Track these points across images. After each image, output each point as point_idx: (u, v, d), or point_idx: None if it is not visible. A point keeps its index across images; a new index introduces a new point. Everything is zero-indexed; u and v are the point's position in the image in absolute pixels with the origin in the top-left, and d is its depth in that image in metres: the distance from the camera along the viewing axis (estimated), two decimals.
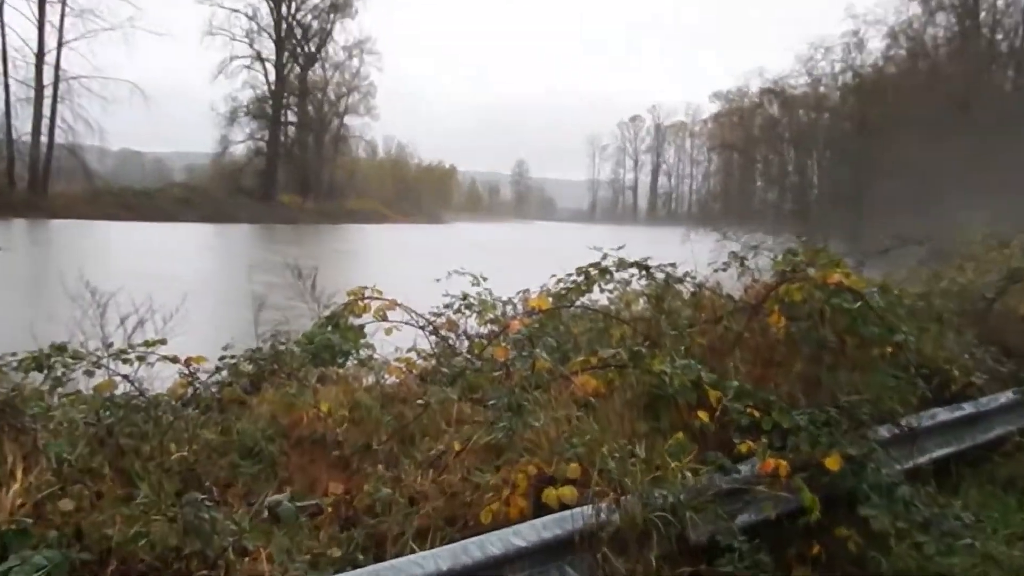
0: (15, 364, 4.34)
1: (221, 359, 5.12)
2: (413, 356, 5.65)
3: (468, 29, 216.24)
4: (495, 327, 6.05)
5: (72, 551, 3.05)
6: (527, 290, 6.62)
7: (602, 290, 6.15)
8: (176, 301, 5.66)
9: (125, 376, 4.30)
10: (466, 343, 6.15)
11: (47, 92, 57.61)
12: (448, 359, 5.55)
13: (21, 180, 55.95)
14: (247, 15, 71.97)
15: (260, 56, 73.15)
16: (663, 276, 5.78)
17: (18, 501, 3.23)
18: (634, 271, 5.91)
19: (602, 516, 3.58)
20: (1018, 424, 6.28)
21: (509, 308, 6.60)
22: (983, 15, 44.89)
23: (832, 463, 4.26)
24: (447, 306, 6.36)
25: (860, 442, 4.49)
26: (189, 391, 4.73)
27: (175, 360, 4.58)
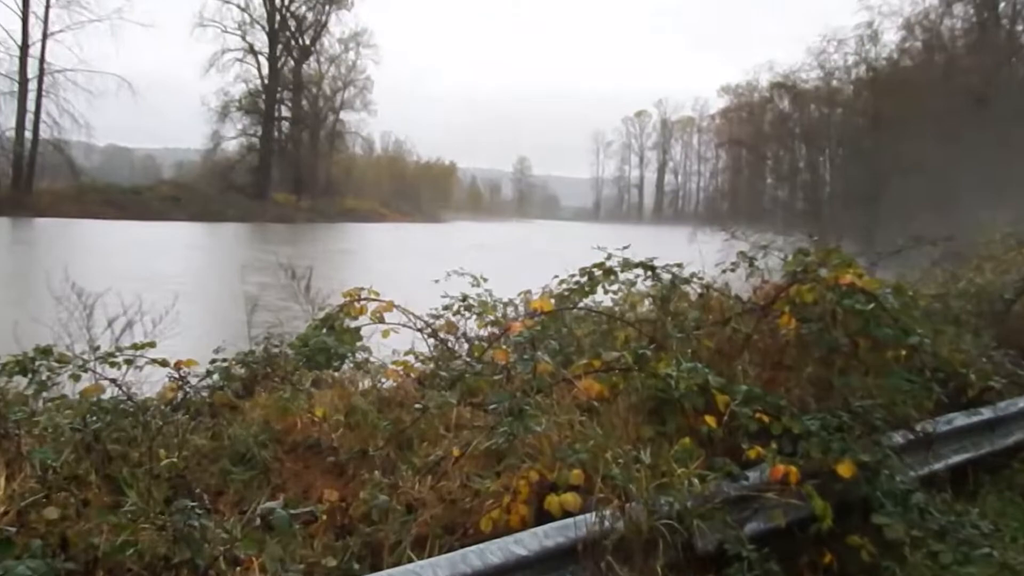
0: None
1: (212, 362, 5.13)
2: (411, 359, 5.66)
3: (468, 21, 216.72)
4: (495, 329, 6.06)
5: (57, 561, 3.05)
6: (529, 291, 6.63)
7: (606, 291, 6.16)
8: (165, 302, 5.69)
9: (113, 380, 4.32)
10: (466, 346, 6.16)
11: (31, 86, 58.00)
12: (447, 362, 5.56)
13: (5, 177, 56.22)
14: (239, 6, 72.31)
15: (253, 49, 73.42)
16: (669, 277, 5.78)
17: (1, 509, 3.25)
18: (639, 271, 5.91)
19: (606, 524, 3.59)
20: None
21: (510, 310, 6.61)
22: (1002, 5, 44.86)
23: (844, 470, 4.26)
24: (446, 308, 6.36)
25: (873, 448, 4.49)
26: (179, 395, 4.74)
27: (164, 363, 4.59)
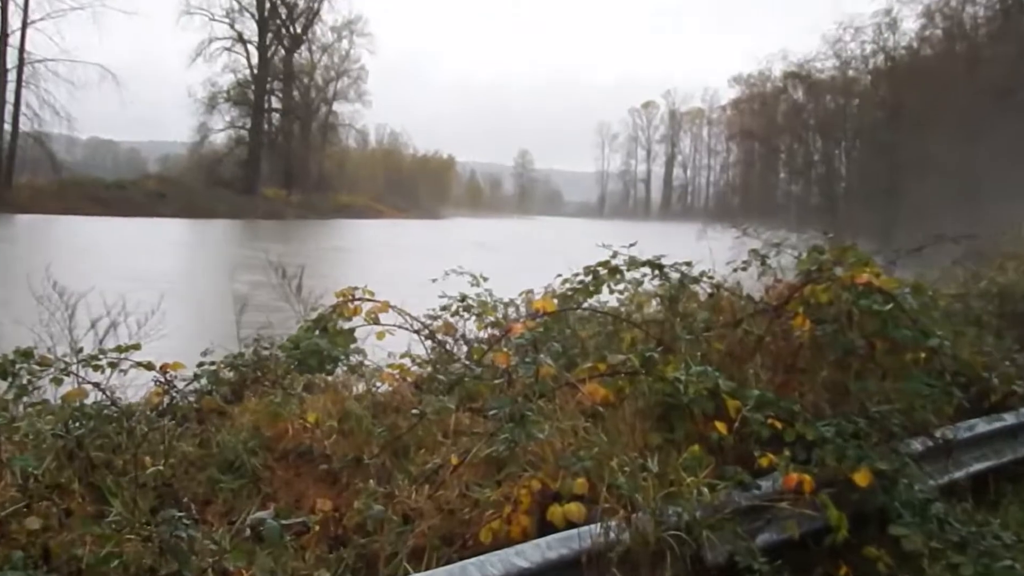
0: None
1: (200, 365, 5.14)
2: (407, 362, 5.66)
3: (466, 7, 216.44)
4: (496, 331, 6.07)
5: (39, 573, 3.07)
6: (531, 291, 6.64)
7: (612, 291, 6.16)
8: (151, 302, 5.70)
9: (96, 384, 4.32)
10: (464, 348, 6.16)
11: (10, 76, 57.93)
12: (445, 365, 5.57)
13: None
14: None
15: (242, 37, 73.55)
16: (678, 276, 5.79)
17: None
18: (646, 270, 5.91)
19: (611, 535, 3.59)
20: None
21: (511, 310, 6.62)
22: None
23: (861, 478, 4.27)
24: (444, 308, 6.37)
25: (891, 456, 4.50)
26: (165, 400, 4.75)
27: (150, 367, 4.60)
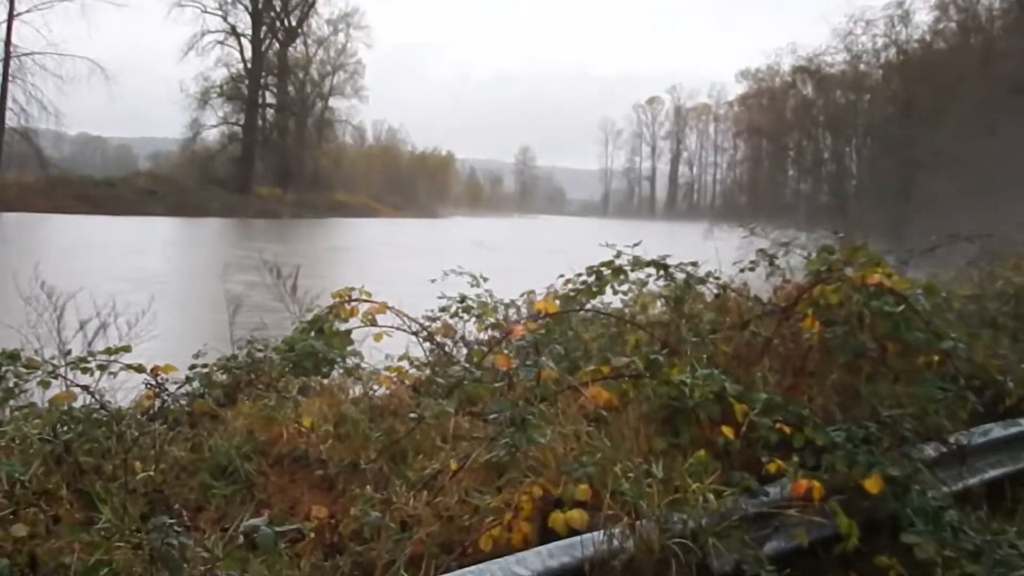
0: None
1: (192, 368, 5.15)
2: (405, 365, 5.67)
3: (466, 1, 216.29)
4: (496, 332, 6.07)
5: None
6: (532, 292, 6.64)
7: (615, 292, 6.17)
8: (142, 303, 5.71)
9: (85, 387, 4.32)
10: (464, 350, 6.17)
11: None
12: (444, 368, 5.57)
13: None
14: None
15: (235, 30, 73.52)
16: (683, 276, 5.79)
17: None
18: (651, 271, 5.92)
19: (615, 543, 3.59)
20: None
21: (512, 312, 6.62)
22: None
23: (872, 485, 4.26)
24: (443, 309, 6.37)
25: (903, 461, 4.49)
26: (156, 403, 4.75)
27: (140, 369, 4.60)
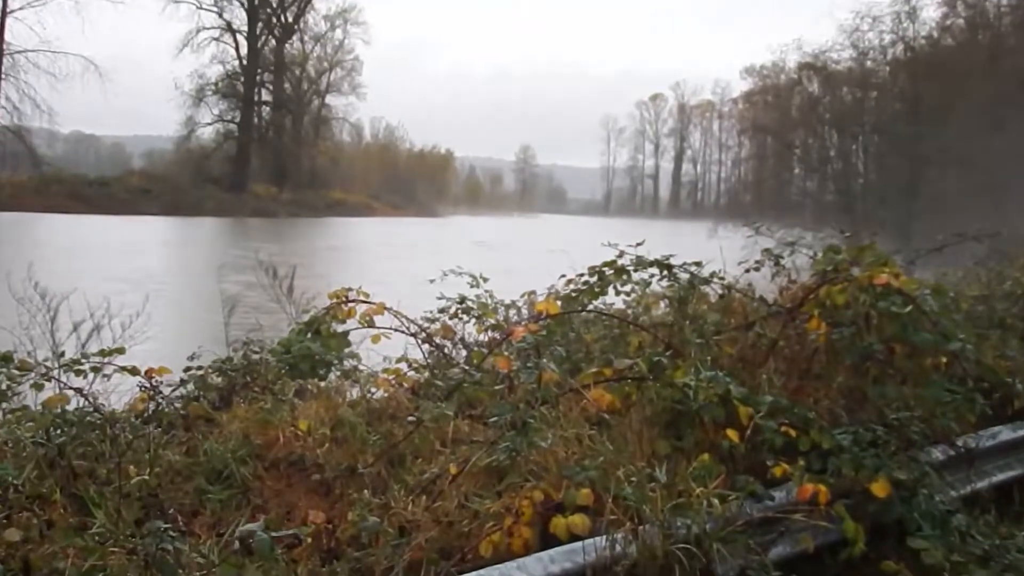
0: None
1: (186, 370, 5.16)
2: (403, 367, 5.67)
3: None
4: (496, 334, 6.07)
5: None
6: (533, 292, 6.65)
7: (618, 292, 6.17)
8: (136, 304, 5.71)
9: (78, 390, 4.33)
10: (464, 352, 6.18)
11: None
12: (443, 370, 5.57)
13: None
14: None
15: (230, 27, 73.50)
16: (687, 277, 5.80)
17: None
18: (654, 271, 5.92)
19: (617, 548, 3.59)
20: None
21: (512, 313, 6.62)
22: None
23: (879, 489, 4.27)
24: (442, 310, 6.37)
25: (910, 465, 4.49)
26: (151, 406, 4.76)
27: (134, 372, 4.61)
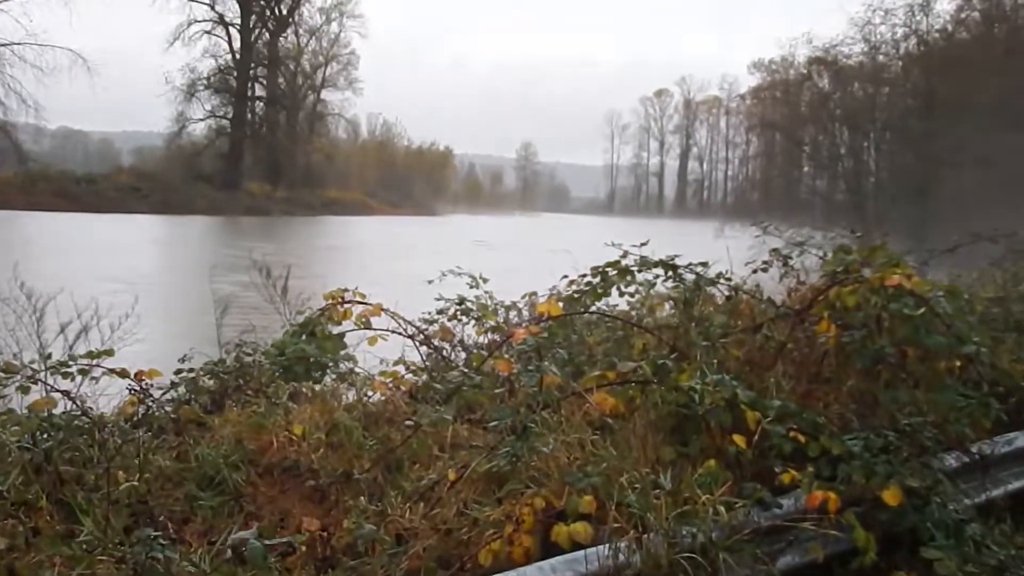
0: None
1: (177, 373, 5.16)
2: (401, 370, 5.68)
3: None
4: (497, 336, 6.07)
5: None
6: (534, 293, 6.65)
7: (622, 293, 6.17)
8: (125, 305, 5.71)
9: (65, 393, 4.32)
10: (463, 355, 6.18)
11: None
12: (442, 373, 5.57)
13: None
14: None
15: (223, 19, 73.52)
16: (693, 277, 5.80)
17: None
18: (659, 271, 5.92)
19: (620, 557, 3.59)
20: None
21: (513, 314, 6.63)
22: None
23: (890, 496, 4.26)
24: (440, 312, 6.37)
25: (923, 472, 4.48)
26: (140, 410, 4.76)
27: (123, 374, 4.61)
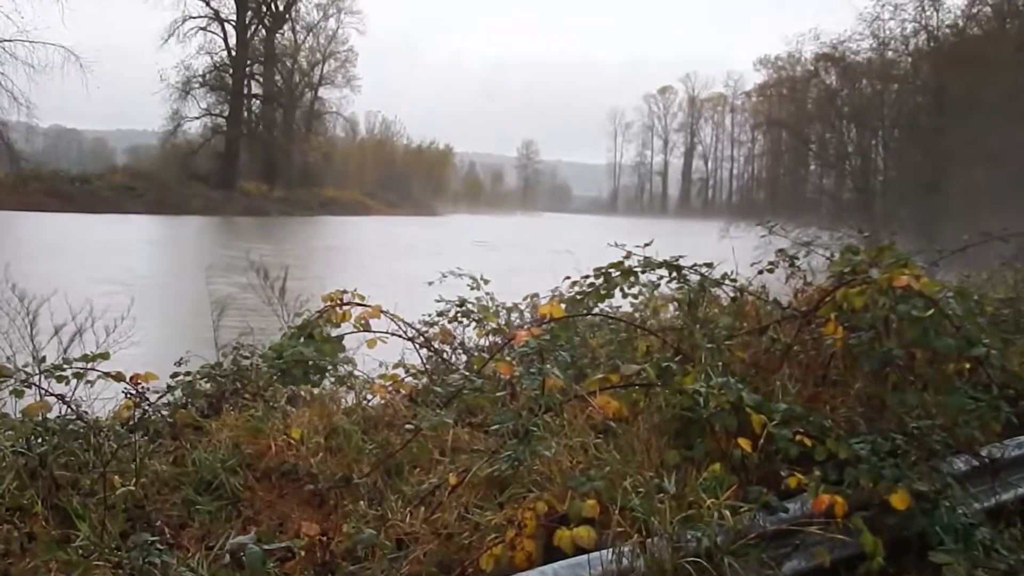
0: None
1: (174, 376, 5.17)
2: (401, 373, 5.69)
3: None
4: (498, 338, 6.09)
5: None
6: (536, 295, 6.66)
7: (625, 295, 6.18)
8: (120, 307, 5.73)
9: (60, 397, 4.34)
10: (464, 357, 6.19)
11: None
12: (442, 376, 5.58)
13: None
14: None
15: (218, 16, 73.54)
16: (697, 278, 5.81)
17: None
18: (663, 272, 5.93)
19: (624, 562, 3.60)
20: None
21: (515, 316, 6.64)
22: None
23: (898, 500, 4.26)
24: (441, 314, 6.39)
25: (932, 476, 4.49)
26: (136, 414, 4.77)
27: (119, 377, 4.61)
